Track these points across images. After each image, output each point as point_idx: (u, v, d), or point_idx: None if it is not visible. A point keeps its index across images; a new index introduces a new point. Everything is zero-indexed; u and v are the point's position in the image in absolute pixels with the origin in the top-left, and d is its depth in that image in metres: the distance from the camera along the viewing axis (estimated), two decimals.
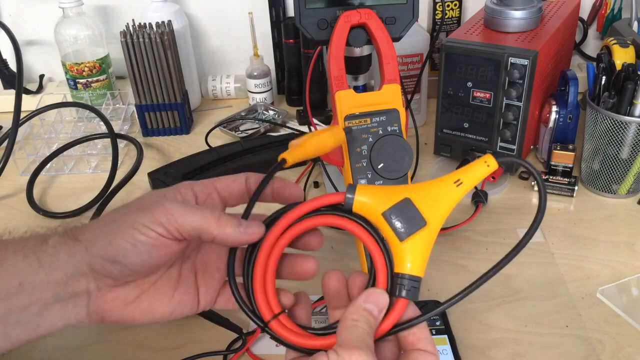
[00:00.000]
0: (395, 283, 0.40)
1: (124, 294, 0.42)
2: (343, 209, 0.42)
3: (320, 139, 0.51)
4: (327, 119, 0.99)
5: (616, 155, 0.76)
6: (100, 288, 0.41)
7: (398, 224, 0.40)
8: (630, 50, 0.85)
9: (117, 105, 1.06)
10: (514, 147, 0.80)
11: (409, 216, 0.40)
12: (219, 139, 0.98)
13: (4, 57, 1.10)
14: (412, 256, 0.40)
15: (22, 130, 0.92)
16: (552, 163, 0.81)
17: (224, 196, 0.45)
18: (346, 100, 0.61)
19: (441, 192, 0.41)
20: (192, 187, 0.44)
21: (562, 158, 0.81)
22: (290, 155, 0.46)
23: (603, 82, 0.76)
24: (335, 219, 0.43)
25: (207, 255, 0.47)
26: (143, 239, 0.39)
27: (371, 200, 0.41)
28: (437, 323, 0.60)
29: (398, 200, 0.40)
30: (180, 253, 0.43)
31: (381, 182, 0.63)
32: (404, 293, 0.40)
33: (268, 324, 0.41)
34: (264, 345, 0.60)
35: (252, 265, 0.42)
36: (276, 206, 0.45)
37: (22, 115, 0.85)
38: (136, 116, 1.00)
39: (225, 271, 0.45)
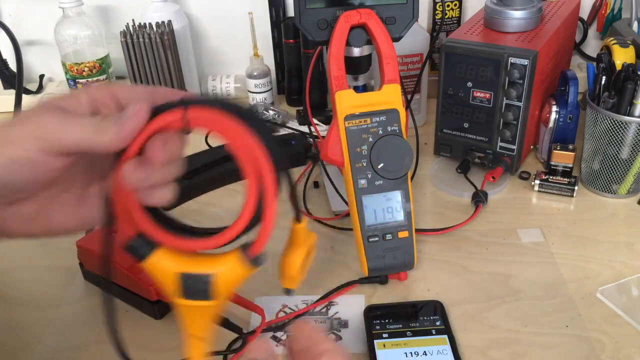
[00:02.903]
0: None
1: (20, 211, 0.40)
2: None
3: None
4: (327, 119, 0.99)
5: (616, 155, 0.76)
6: None
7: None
8: (630, 50, 0.85)
9: None
10: (514, 147, 0.80)
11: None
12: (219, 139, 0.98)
13: (4, 57, 1.10)
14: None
15: None
16: (552, 163, 0.81)
17: (123, 103, 0.41)
18: (346, 100, 0.61)
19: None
20: (90, 93, 0.40)
21: (562, 158, 0.81)
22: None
23: (603, 82, 0.76)
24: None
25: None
26: (18, 157, 0.36)
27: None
28: (437, 323, 0.60)
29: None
30: (73, 166, 0.40)
31: (381, 182, 0.63)
32: None
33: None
34: None
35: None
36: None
37: None
38: None
39: None
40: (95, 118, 0.37)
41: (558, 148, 0.81)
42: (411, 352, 0.57)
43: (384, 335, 0.59)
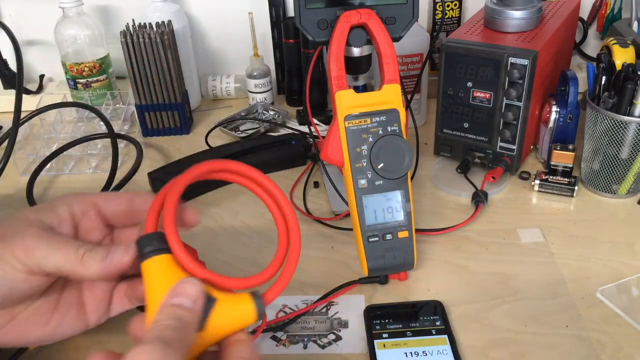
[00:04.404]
0: None
1: None
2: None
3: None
4: (327, 119, 0.99)
5: (616, 155, 0.76)
6: None
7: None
8: (630, 50, 0.85)
9: (117, 105, 1.06)
10: (514, 147, 0.80)
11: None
12: (219, 139, 0.98)
13: (4, 57, 1.10)
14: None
15: (22, 130, 0.92)
16: (552, 163, 0.81)
17: (106, 215, 0.42)
18: (346, 100, 0.61)
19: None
20: (69, 206, 0.41)
21: (562, 158, 0.81)
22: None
23: (603, 82, 0.76)
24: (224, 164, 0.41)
25: None
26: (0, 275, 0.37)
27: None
28: (437, 323, 0.60)
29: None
30: (47, 284, 0.41)
31: (381, 182, 0.63)
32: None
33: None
34: (263, 345, 0.60)
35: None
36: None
37: (22, 115, 0.84)
38: (136, 116, 1.00)
39: (114, 281, 0.43)
40: (79, 248, 0.38)
41: (558, 148, 0.81)
42: (411, 352, 0.57)
43: (384, 335, 0.59)
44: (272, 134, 0.98)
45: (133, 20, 0.95)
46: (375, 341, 0.58)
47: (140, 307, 0.45)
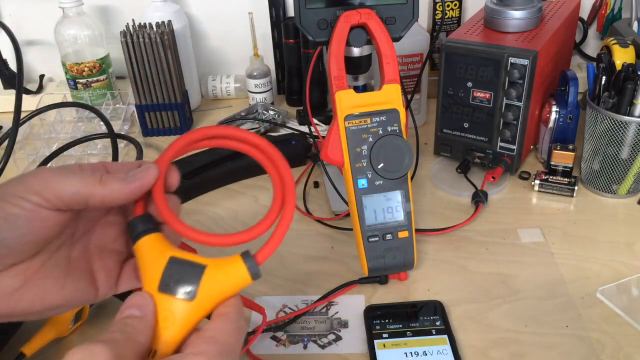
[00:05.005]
0: None
1: (5, 282, 0.38)
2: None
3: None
4: (327, 119, 0.99)
5: (616, 155, 0.76)
6: None
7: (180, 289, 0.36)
8: (630, 50, 0.85)
9: (117, 105, 1.06)
10: (514, 147, 0.80)
11: (183, 272, 0.36)
12: None
13: (4, 57, 1.10)
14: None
15: (22, 130, 0.92)
16: (552, 163, 0.81)
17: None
18: (346, 100, 0.61)
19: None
20: (81, 165, 0.40)
21: (562, 158, 0.81)
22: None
23: (603, 82, 0.76)
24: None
25: (101, 237, 0.43)
26: (16, 211, 0.36)
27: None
28: (437, 323, 0.60)
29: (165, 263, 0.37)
30: (64, 229, 0.40)
31: (381, 182, 0.63)
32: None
33: None
34: (264, 345, 0.60)
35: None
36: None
37: (22, 115, 0.84)
38: (136, 116, 1.00)
39: (125, 253, 0.42)
40: (96, 172, 0.38)
41: (558, 148, 0.81)
42: (411, 352, 0.57)
43: (384, 335, 0.59)
44: (272, 134, 0.98)
45: (133, 20, 0.95)
46: (375, 341, 0.58)
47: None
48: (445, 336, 0.59)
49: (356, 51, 0.67)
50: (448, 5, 1.03)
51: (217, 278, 0.36)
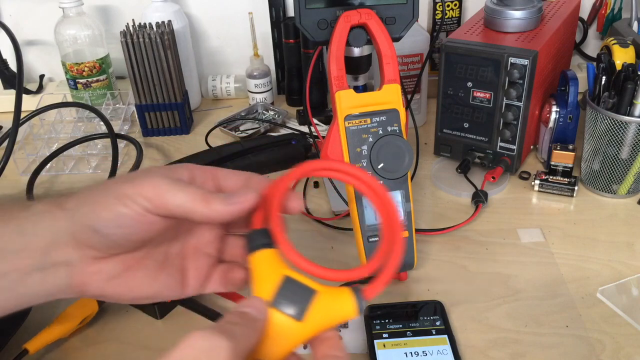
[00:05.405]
0: None
1: (106, 268, 0.41)
2: None
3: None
4: (327, 119, 0.99)
5: (616, 155, 0.76)
6: (83, 259, 0.40)
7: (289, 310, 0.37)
8: (630, 50, 0.85)
9: (117, 105, 1.06)
10: (514, 147, 0.80)
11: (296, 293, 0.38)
12: (219, 139, 0.98)
13: (4, 57, 1.10)
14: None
15: (22, 130, 0.92)
16: (552, 163, 0.81)
17: (222, 188, 0.44)
18: (346, 100, 0.61)
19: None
20: (191, 170, 0.43)
21: (562, 158, 0.81)
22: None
23: (603, 82, 0.76)
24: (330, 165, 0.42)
25: (198, 239, 0.45)
26: (125, 212, 0.38)
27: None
28: (437, 323, 0.60)
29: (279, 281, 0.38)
30: (166, 231, 0.42)
31: (381, 182, 0.63)
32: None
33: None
34: None
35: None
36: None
37: (22, 115, 0.84)
38: (136, 116, 1.00)
39: (217, 257, 0.44)
40: (201, 190, 0.39)
41: (558, 148, 0.81)
42: (411, 352, 0.57)
43: (384, 335, 0.59)
44: (272, 134, 0.98)
45: (133, 20, 0.95)
46: (375, 341, 0.58)
47: None
48: (445, 336, 0.59)
49: (356, 51, 0.67)
50: (448, 5, 1.03)
51: (326, 305, 0.38)
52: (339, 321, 0.39)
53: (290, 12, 1.09)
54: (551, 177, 0.81)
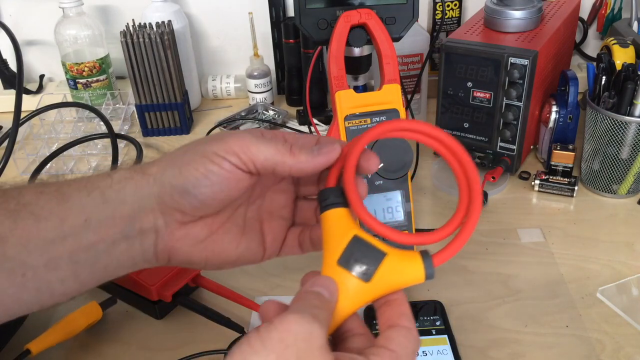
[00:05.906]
0: None
1: (193, 232, 0.41)
2: None
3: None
4: (327, 119, 0.99)
5: (616, 155, 0.76)
6: (169, 224, 0.40)
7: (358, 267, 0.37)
8: (630, 50, 0.85)
9: (117, 105, 1.06)
10: (514, 147, 0.80)
11: (365, 253, 0.37)
12: None
13: (4, 57, 1.10)
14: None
15: (22, 130, 0.92)
16: (552, 163, 0.81)
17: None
18: (346, 100, 0.61)
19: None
20: (262, 132, 0.42)
21: (562, 158, 0.81)
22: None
23: (603, 82, 0.76)
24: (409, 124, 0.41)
25: (272, 202, 0.45)
26: (215, 169, 0.38)
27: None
28: (437, 323, 0.60)
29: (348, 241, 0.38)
30: (249, 190, 0.42)
31: (381, 182, 0.63)
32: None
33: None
34: None
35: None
36: None
37: (22, 115, 0.84)
38: (136, 116, 1.00)
39: (291, 220, 0.45)
40: (287, 142, 0.40)
41: (558, 148, 0.81)
42: None
43: None
44: None
45: (133, 20, 0.95)
46: None
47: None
48: (445, 336, 0.59)
49: (356, 51, 0.67)
50: (448, 5, 1.03)
51: (394, 268, 0.37)
52: (406, 285, 0.38)
53: (290, 12, 1.09)
54: (551, 177, 0.81)
